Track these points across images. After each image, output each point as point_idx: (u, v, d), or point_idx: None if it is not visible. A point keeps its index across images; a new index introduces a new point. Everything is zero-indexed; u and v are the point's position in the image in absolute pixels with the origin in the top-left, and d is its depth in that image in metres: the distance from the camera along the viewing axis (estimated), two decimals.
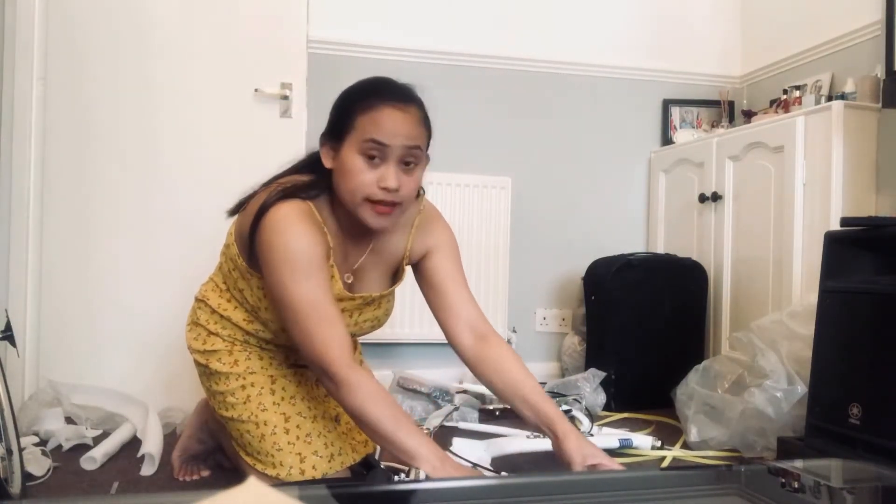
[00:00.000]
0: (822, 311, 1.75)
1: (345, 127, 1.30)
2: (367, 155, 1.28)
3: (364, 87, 1.35)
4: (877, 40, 2.38)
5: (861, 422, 1.60)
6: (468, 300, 1.47)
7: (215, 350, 1.48)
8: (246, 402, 1.44)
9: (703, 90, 3.12)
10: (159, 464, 1.71)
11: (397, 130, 1.28)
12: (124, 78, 2.26)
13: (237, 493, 0.56)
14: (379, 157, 1.28)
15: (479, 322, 1.46)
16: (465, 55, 2.87)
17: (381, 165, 1.28)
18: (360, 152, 1.28)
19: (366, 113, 1.28)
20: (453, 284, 1.47)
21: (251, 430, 1.43)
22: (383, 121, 1.27)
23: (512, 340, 2.86)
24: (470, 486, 1.07)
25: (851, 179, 2.17)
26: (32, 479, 1.60)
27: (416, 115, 1.32)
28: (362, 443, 1.51)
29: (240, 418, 1.44)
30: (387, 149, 1.28)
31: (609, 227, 3.02)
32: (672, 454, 1.92)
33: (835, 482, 0.97)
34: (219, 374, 1.46)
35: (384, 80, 1.36)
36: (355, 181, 1.29)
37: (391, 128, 1.27)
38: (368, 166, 1.28)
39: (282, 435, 1.41)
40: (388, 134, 1.27)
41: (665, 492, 0.93)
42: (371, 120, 1.28)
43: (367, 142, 1.27)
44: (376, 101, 1.29)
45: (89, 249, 2.24)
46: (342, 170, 1.31)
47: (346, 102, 1.34)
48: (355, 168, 1.28)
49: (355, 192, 1.29)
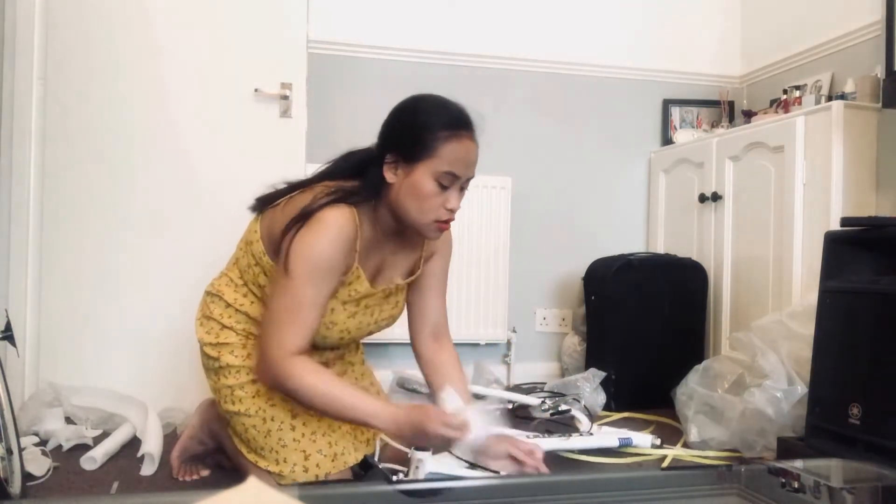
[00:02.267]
0: (822, 311, 1.75)
1: (421, 150, 1.36)
2: (441, 183, 1.37)
3: (447, 114, 1.41)
4: (877, 40, 2.38)
5: (861, 422, 1.61)
6: (441, 307, 1.63)
7: (228, 343, 1.49)
8: (255, 396, 1.45)
9: (703, 90, 3.12)
10: (159, 464, 1.71)
11: (471, 163, 1.40)
12: (124, 78, 2.26)
13: (237, 493, 0.56)
14: (448, 185, 1.38)
15: (441, 328, 1.63)
16: (465, 55, 2.87)
17: (448, 190, 1.38)
18: (434, 178, 1.36)
19: (447, 143, 1.36)
20: (436, 290, 1.62)
21: (257, 425, 1.43)
22: (465, 154, 1.38)
23: (512, 340, 2.86)
24: (470, 486, 1.07)
25: (851, 179, 2.17)
26: (32, 479, 1.60)
27: (477, 144, 1.43)
28: (364, 442, 1.52)
29: (247, 412, 1.44)
30: (458, 179, 1.38)
31: (609, 227, 3.02)
32: (672, 454, 1.92)
33: (835, 482, 0.97)
34: (230, 368, 1.47)
35: (455, 106, 1.43)
36: (427, 204, 1.38)
37: (467, 161, 1.39)
38: (440, 192, 1.37)
39: (288, 431, 1.42)
40: (463, 168, 1.38)
41: (665, 492, 0.93)
42: (453, 151, 1.36)
43: (445, 173, 1.36)
44: (459, 131, 1.38)
45: (89, 250, 2.24)
46: (411, 189, 1.37)
47: (425, 125, 1.38)
48: (428, 192, 1.37)
49: (426, 213, 1.38)
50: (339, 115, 2.77)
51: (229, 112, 2.32)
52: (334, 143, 2.72)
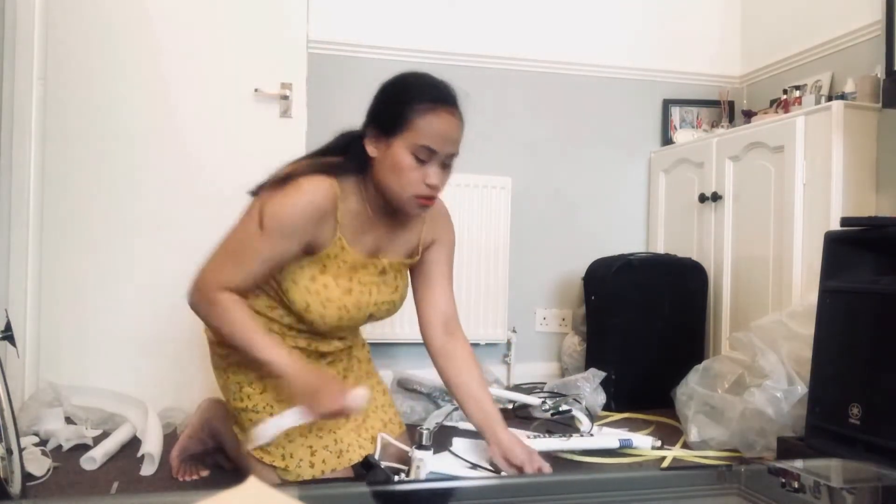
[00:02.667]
0: (822, 311, 1.75)
1: (399, 124, 1.36)
2: (418, 157, 1.36)
3: (419, 87, 1.40)
4: (877, 40, 2.38)
5: (861, 422, 1.60)
6: (449, 297, 1.61)
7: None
8: (263, 392, 1.46)
9: (703, 90, 3.12)
10: (159, 464, 1.71)
11: (451, 137, 1.38)
12: (124, 78, 2.26)
13: (237, 493, 0.56)
14: (427, 159, 1.37)
15: (451, 319, 1.59)
16: (465, 55, 2.87)
17: (427, 165, 1.37)
18: (411, 152, 1.36)
19: (423, 117, 1.35)
20: (442, 279, 1.60)
21: (265, 421, 1.43)
22: (442, 128, 1.36)
23: (512, 340, 2.86)
24: (470, 487, 1.07)
25: (851, 179, 2.17)
26: (32, 479, 1.60)
27: (461, 120, 1.41)
28: (368, 440, 1.52)
29: (254, 409, 1.46)
30: (435, 154, 1.37)
31: (609, 227, 3.02)
32: (672, 454, 1.92)
33: (835, 482, 0.97)
34: (238, 365, 1.48)
35: (436, 80, 1.42)
36: (405, 178, 1.37)
37: (447, 136, 1.37)
38: (417, 166, 1.37)
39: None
40: (443, 142, 1.36)
41: (665, 492, 0.93)
42: (430, 125, 1.35)
43: (421, 147, 1.36)
44: (436, 106, 1.36)
45: (89, 249, 2.24)
46: (390, 163, 1.38)
47: (403, 99, 1.38)
48: (405, 166, 1.36)
49: (405, 187, 1.38)
50: (339, 115, 2.74)
51: (229, 112, 2.32)
52: None
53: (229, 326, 1.37)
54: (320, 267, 1.44)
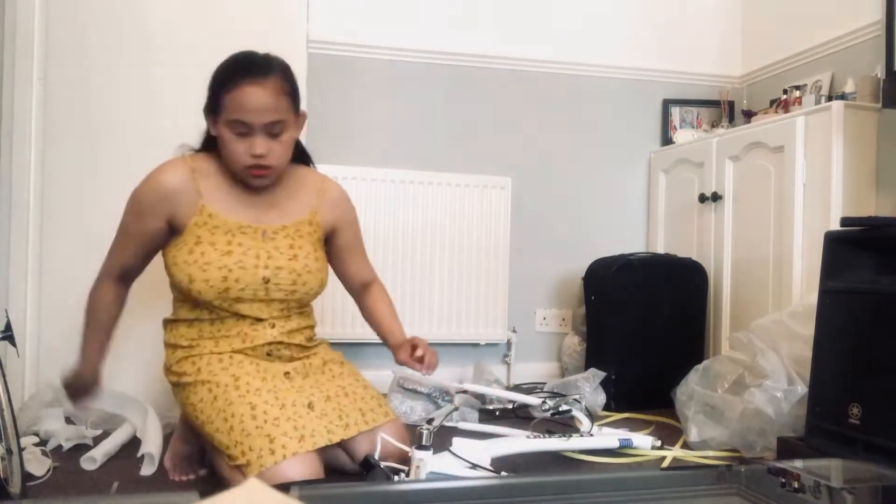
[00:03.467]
0: (822, 311, 1.75)
1: (215, 105, 1.49)
2: (236, 132, 1.47)
3: (225, 66, 1.51)
4: (877, 40, 2.38)
5: (861, 422, 1.61)
6: (363, 266, 1.81)
7: (179, 361, 1.57)
8: (213, 401, 1.48)
9: (703, 90, 3.13)
10: (159, 464, 1.71)
11: (258, 107, 1.44)
12: (124, 78, 2.26)
13: (237, 493, 0.56)
14: (246, 131, 1.46)
15: (368, 277, 1.82)
16: (466, 55, 2.87)
17: (249, 136, 1.47)
18: (229, 129, 1.47)
19: (228, 93, 1.45)
20: (353, 254, 1.78)
21: (220, 428, 1.44)
22: (244, 101, 1.44)
23: (512, 340, 2.86)
24: (470, 487, 1.07)
25: (851, 179, 2.17)
26: (32, 479, 1.60)
27: (275, 87, 1.46)
28: (342, 426, 1.51)
29: (209, 420, 1.47)
30: (250, 126, 1.45)
31: (609, 227, 3.02)
32: (672, 454, 1.92)
33: (835, 482, 0.97)
34: (186, 385, 1.54)
35: (242, 56, 1.52)
36: (233, 152, 1.49)
37: (251, 106, 1.44)
38: (239, 139, 1.47)
39: (249, 421, 1.42)
40: (249, 113, 1.44)
41: (665, 492, 0.93)
42: (233, 100, 1.45)
43: (232, 122, 1.46)
44: (236, 80, 1.45)
45: (89, 249, 2.23)
46: (220, 141, 1.51)
47: (213, 82, 1.51)
48: (228, 141, 1.49)
49: (236, 160, 1.50)
50: (339, 115, 2.77)
51: None
52: (334, 143, 2.74)
53: (86, 307, 1.61)
54: (195, 239, 1.53)
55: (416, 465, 1.38)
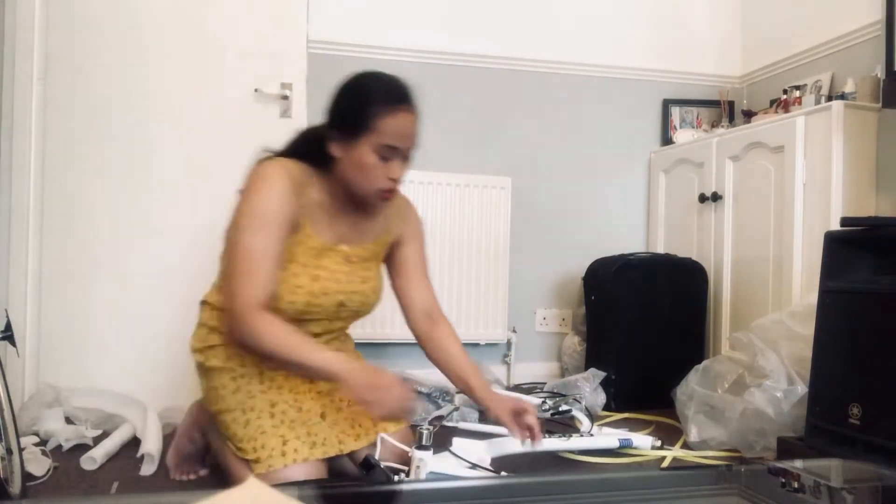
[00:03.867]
0: (822, 311, 1.75)
1: (361, 126, 1.42)
2: (381, 155, 1.43)
3: (379, 90, 1.45)
4: (877, 40, 2.38)
5: (861, 422, 1.61)
6: (427, 288, 1.69)
7: (212, 346, 1.53)
8: (235, 392, 1.48)
9: (703, 90, 3.13)
10: (159, 463, 1.71)
11: (409, 135, 1.46)
12: (124, 78, 2.26)
13: (237, 493, 0.56)
14: (390, 156, 1.44)
15: (432, 308, 1.68)
16: (465, 55, 2.87)
17: (390, 161, 1.44)
18: (375, 152, 1.42)
19: (384, 118, 1.41)
20: (417, 273, 1.68)
21: (237, 418, 1.45)
22: (400, 128, 1.43)
23: (512, 340, 2.86)
24: (470, 487, 1.07)
25: (851, 179, 2.17)
26: (32, 479, 1.60)
27: (417, 115, 1.47)
28: (352, 436, 1.52)
29: (227, 408, 1.47)
30: (398, 151, 1.44)
31: (609, 227, 3.02)
32: (672, 454, 1.92)
33: (835, 482, 0.97)
34: (213, 370, 1.51)
35: (392, 81, 1.47)
36: (371, 176, 1.44)
37: (406, 133, 1.45)
38: (381, 162, 1.44)
39: (266, 419, 1.44)
40: (402, 139, 1.44)
41: (665, 492, 0.93)
42: (389, 126, 1.42)
43: (384, 146, 1.42)
44: (395, 106, 1.43)
45: (89, 250, 2.24)
46: (355, 163, 1.44)
47: (363, 102, 1.44)
48: (371, 165, 1.43)
49: (372, 184, 1.45)
50: None
51: (229, 112, 2.32)
52: None
53: (276, 343, 1.37)
54: (290, 255, 1.48)
55: (416, 465, 1.38)
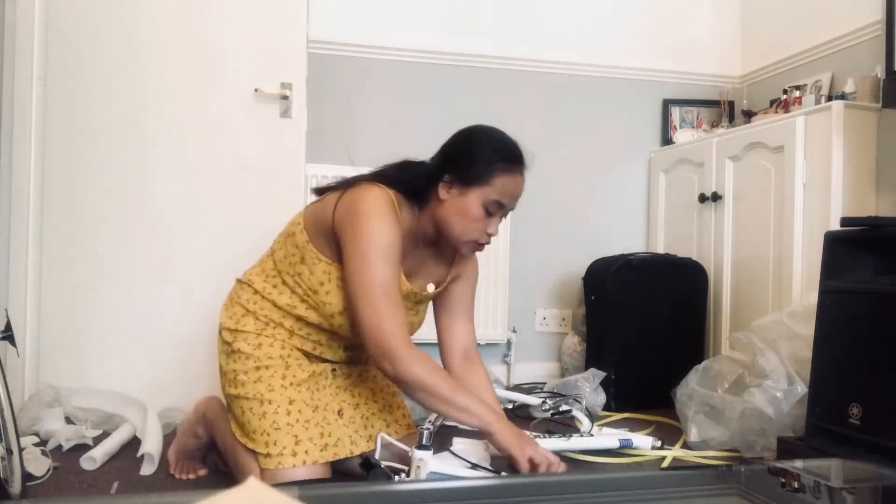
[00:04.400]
0: (822, 311, 1.75)
1: (479, 177, 1.47)
2: (489, 210, 1.48)
3: (506, 148, 1.51)
4: (877, 40, 2.38)
5: (861, 422, 1.60)
6: (470, 329, 1.69)
7: (245, 330, 1.53)
8: (256, 382, 1.49)
9: (703, 90, 3.13)
10: (159, 463, 1.71)
11: (517, 196, 1.53)
12: (124, 78, 2.26)
13: (237, 493, 0.56)
14: (495, 212, 1.50)
15: (470, 348, 1.68)
16: (465, 55, 2.87)
17: (492, 217, 1.50)
18: (483, 205, 1.47)
19: (503, 176, 1.48)
20: (463, 312, 1.68)
21: (254, 408, 1.46)
22: (514, 189, 1.50)
23: (512, 340, 2.86)
24: (470, 487, 1.07)
25: (851, 179, 2.17)
26: (32, 479, 1.60)
27: (524, 179, 1.54)
28: (364, 438, 1.54)
29: (245, 395, 1.48)
30: (503, 208, 1.51)
31: (609, 227, 3.02)
32: (672, 454, 1.92)
33: (835, 482, 0.97)
34: (240, 354, 1.52)
35: (516, 144, 1.53)
36: (472, 226, 1.49)
37: (516, 195, 1.52)
38: (485, 217, 1.49)
39: (283, 415, 1.45)
40: (511, 199, 1.51)
41: (665, 492, 0.93)
42: (506, 184, 1.48)
43: (494, 201, 1.48)
44: (515, 167, 1.50)
45: (89, 249, 2.24)
46: (460, 210, 1.48)
47: (489, 156, 1.48)
48: (475, 215, 1.48)
49: (469, 233, 1.50)
50: (339, 115, 2.77)
51: (229, 112, 2.32)
52: (334, 143, 2.74)
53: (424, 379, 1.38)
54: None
55: (416, 465, 1.38)
